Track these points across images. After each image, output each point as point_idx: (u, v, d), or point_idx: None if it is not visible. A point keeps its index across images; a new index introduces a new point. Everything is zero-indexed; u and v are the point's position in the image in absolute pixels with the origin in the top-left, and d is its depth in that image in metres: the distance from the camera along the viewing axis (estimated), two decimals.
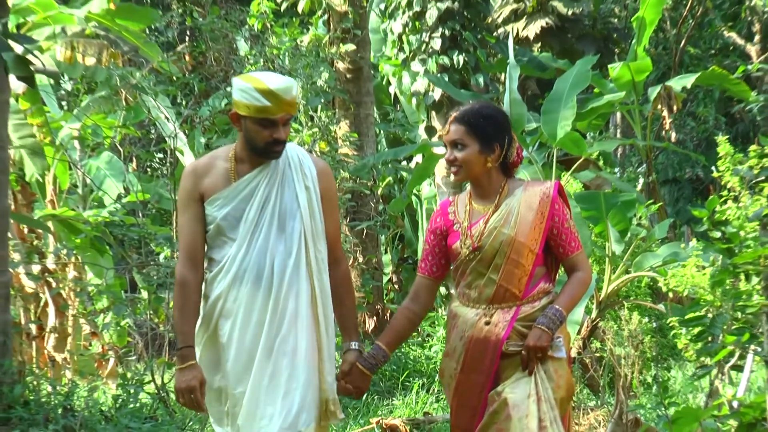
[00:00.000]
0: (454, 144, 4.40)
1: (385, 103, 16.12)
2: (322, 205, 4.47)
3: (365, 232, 12.02)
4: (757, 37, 22.60)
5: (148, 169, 15.81)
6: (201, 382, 4.34)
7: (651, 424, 7.07)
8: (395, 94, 15.69)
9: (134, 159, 13.96)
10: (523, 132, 9.94)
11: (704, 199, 19.06)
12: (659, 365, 10.52)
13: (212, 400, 4.46)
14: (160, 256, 9.43)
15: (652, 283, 10.78)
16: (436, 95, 14.04)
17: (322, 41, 12.23)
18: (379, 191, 13.25)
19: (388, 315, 12.00)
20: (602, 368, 9.14)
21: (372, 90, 12.74)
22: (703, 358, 6.68)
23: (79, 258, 10.35)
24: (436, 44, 14.11)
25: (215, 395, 4.44)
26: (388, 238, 14.19)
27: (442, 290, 11.52)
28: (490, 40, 15.28)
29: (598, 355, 9.27)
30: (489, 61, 14.42)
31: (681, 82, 12.64)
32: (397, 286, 13.97)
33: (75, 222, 10.21)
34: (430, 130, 14.34)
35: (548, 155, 10.15)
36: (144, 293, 9.92)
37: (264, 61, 11.34)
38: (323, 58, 12.01)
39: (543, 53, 16.94)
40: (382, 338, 4.61)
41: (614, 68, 11.72)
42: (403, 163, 14.47)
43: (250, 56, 11.62)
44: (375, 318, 11.90)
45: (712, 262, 7.19)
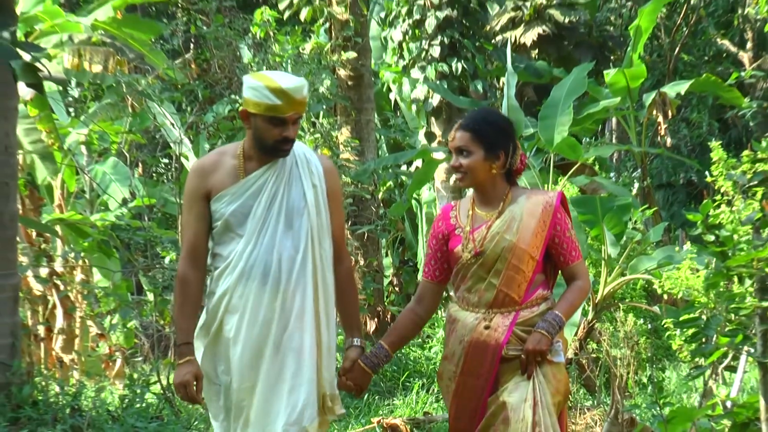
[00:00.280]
0: (459, 150, 4.36)
1: (385, 110, 16.13)
2: (328, 203, 4.43)
3: (366, 235, 12.02)
4: (749, 45, 22.58)
5: (154, 174, 15.82)
6: (197, 377, 4.31)
7: (646, 423, 7.07)
8: (395, 101, 15.72)
9: (140, 164, 13.98)
10: (520, 137, 9.95)
11: (698, 204, 19.03)
12: (654, 366, 10.50)
13: (212, 395, 4.41)
14: (165, 260, 9.44)
15: (647, 286, 10.76)
16: (436, 102, 14.06)
17: (324, 49, 12.24)
18: (380, 196, 13.25)
19: (388, 317, 11.99)
20: (598, 369, 9.13)
21: (373, 96, 12.75)
22: (697, 358, 6.68)
23: (86, 261, 10.36)
24: (436, 52, 14.13)
25: (215, 390, 4.40)
26: (388, 242, 14.18)
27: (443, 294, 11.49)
28: (488, 48, 15.31)
29: (594, 356, 9.27)
30: (487, 68, 14.44)
31: (675, 89, 12.66)
32: (397, 289, 13.98)
33: (82, 226, 10.22)
34: (430, 136, 14.36)
35: (545, 160, 10.17)
36: (150, 296, 9.92)
37: (267, 68, 11.34)
38: (325, 65, 12.01)
39: (539, 62, 16.95)
40: (386, 338, 4.58)
41: (609, 74, 11.74)
42: (404, 168, 14.48)
43: (253, 64, 11.62)
44: (376, 320, 11.90)
45: (706, 264, 7.19)
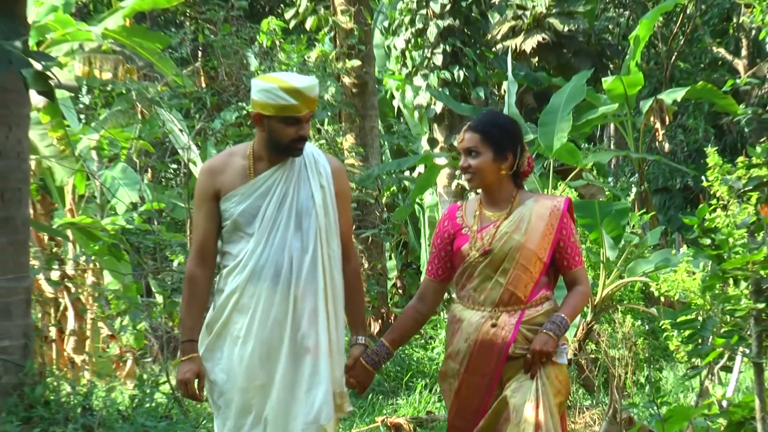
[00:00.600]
0: (468, 151, 4.34)
1: (389, 116, 16.15)
2: (336, 204, 4.40)
3: (370, 239, 12.03)
4: (744, 52, 22.59)
5: (162, 180, 15.83)
6: (198, 374, 4.29)
7: (644, 422, 7.06)
8: (399, 108, 15.73)
9: (149, 170, 13.99)
10: None
11: (694, 208, 19.04)
12: (652, 366, 10.51)
13: (209, 392, 4.37)
14: (174, 263, 9.44)
15: (644, 288, 10.78)
16: (438, 108, 14.09)
17: (329, 57, 12.25)
18: (384, 200, 13.26)
19: (392, 318, 11.99)
20: (597, 369, 9.13)
21: (376, 103, 12.76)
22: (693, 359, 6.69)
23: (97, 264, 10.37)
24: (438, 60, 14.16)
25: (208, 388, 4.35)
26: (392, 245, 14.18)
27: (444, 295, 11.50)
28: (489, 56, 15.32)
29: (593, 356, 9.26)
30: (488, 74, 14.46)
31: (672, 96, 12.67)
32: (401, 291, 13.97)
33: (93, 230, 10.22)
34: (432, 142, 14.38)
35: (545, 166, 10.17)
36: (159, 298, 9.93)
37: None
38: (330, 73, 12.02)
39: (539, 71, 16.98)
40: (387, 336, 4.56)
41: (607, 81, 11.74)
42: (407, 174, 14.49)
43: (259, 71, 11.63)
44: (380, 321, 11.90)
45: (702, 267, 7.21)
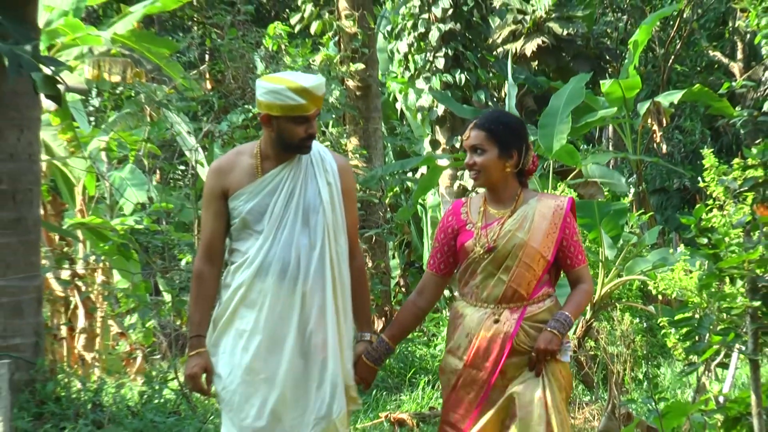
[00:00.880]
0: (473, 149, 4.32)
1: (392, 118, 16.15)
2: (343, 201, 4.40)
3: (374, 239, 12.03)
4: (740, 56, 22.59)
5: (170, 181, 15.83)
6: (205, 369, 4.28)
7: (642, 417, 7.07)
8: (401, 110, 15.74)
9: (157, 171, 13.99)
10: None
11: (691, 208, 19.01)
12: (650, 363, 10.50)
13: (218, 385, 4.33)
14: (182, 262, 9.45)
15: (642, 286, 10.77)
16: (440, 111, 14.10)
17: (333, 61, 12.25)
18: (387, 201, 13.26)
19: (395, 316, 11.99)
20: (596, 366, 9.14)
21: (380, 106, 12.76)
22: (690, 356, 6.71)
23: (107, 263, 10.37)
24: (440, 63, 14.17)
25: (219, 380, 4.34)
26: (395, 245, 14.19)
27: (446, 293, 11.51)
28: (490, 60, 15.31)
29: (592, 353, 9.27)
30: (488, 78, 14.48)
31: (669, 98, 12.65)
32: (404, 289, 13.96)
33: (103, 230, 10.23)
34: (435, 144, 14.39)
35: (545, 166, 10.18)
36: (167, 296, 9.93)
37: None
38: (334, 76, 12.02)
39: (539, 75, 16.98)
40: (387, 331, 4.53)
41: (606, 84, 11.74)
42: (409, 174, 14.49)
43: (265, 74, 11.63)
44: (383, 319, 11.90)
45: (699, 266, 7.21)
